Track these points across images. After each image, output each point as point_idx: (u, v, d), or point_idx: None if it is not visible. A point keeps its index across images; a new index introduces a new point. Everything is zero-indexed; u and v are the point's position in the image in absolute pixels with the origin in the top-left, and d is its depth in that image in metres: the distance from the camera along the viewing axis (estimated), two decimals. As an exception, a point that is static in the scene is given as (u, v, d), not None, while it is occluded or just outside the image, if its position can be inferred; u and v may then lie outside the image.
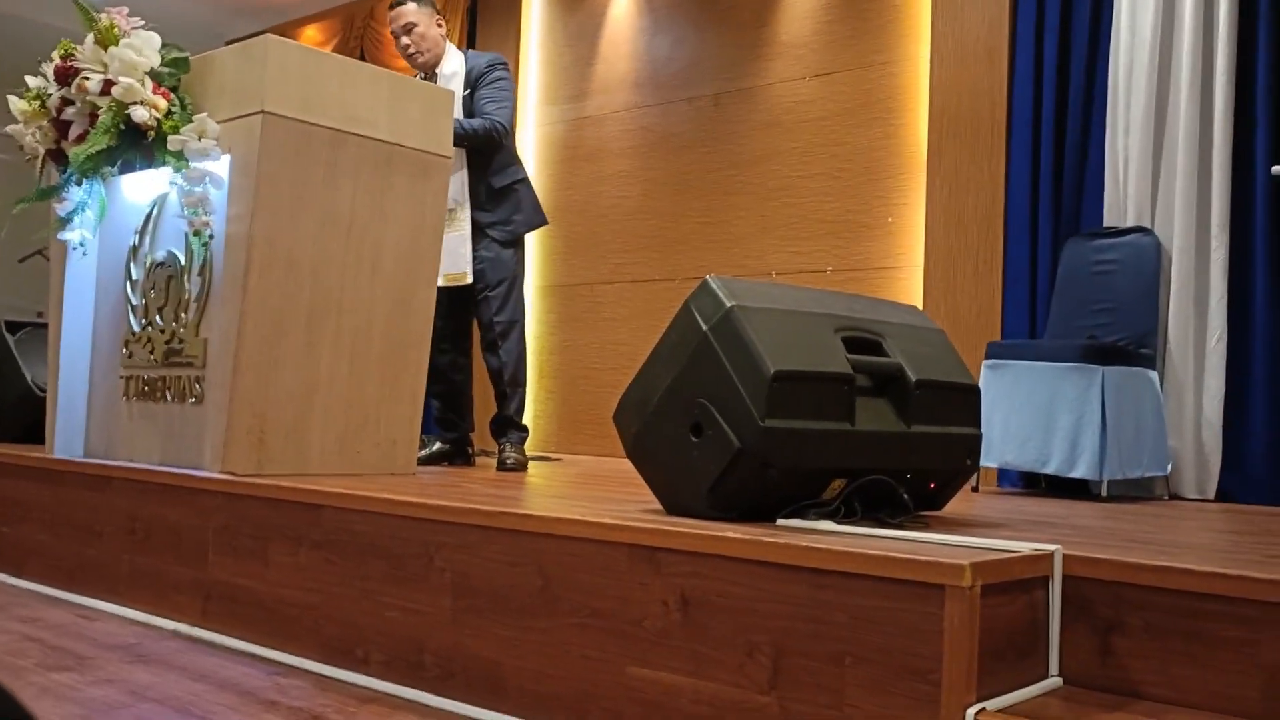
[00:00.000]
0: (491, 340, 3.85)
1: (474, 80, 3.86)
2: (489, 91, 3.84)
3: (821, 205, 5.00)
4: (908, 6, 4.82)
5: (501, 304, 3.85)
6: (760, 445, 1.94)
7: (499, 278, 3.85)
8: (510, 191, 3.91)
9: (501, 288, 3.85)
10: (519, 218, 3.92)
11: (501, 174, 3.88)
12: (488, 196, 3.84)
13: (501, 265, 3.86)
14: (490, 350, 3.86)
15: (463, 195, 3.81)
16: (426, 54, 3.90)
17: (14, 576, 3.25)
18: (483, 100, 3.82)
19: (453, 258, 3.75)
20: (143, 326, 3.08)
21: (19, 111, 3.22)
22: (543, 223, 4.09)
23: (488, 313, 3.85)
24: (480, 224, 3.83)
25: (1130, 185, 4.03)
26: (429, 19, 3.91)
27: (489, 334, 3.86)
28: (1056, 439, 3.61)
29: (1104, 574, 1.73)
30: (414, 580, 2.21)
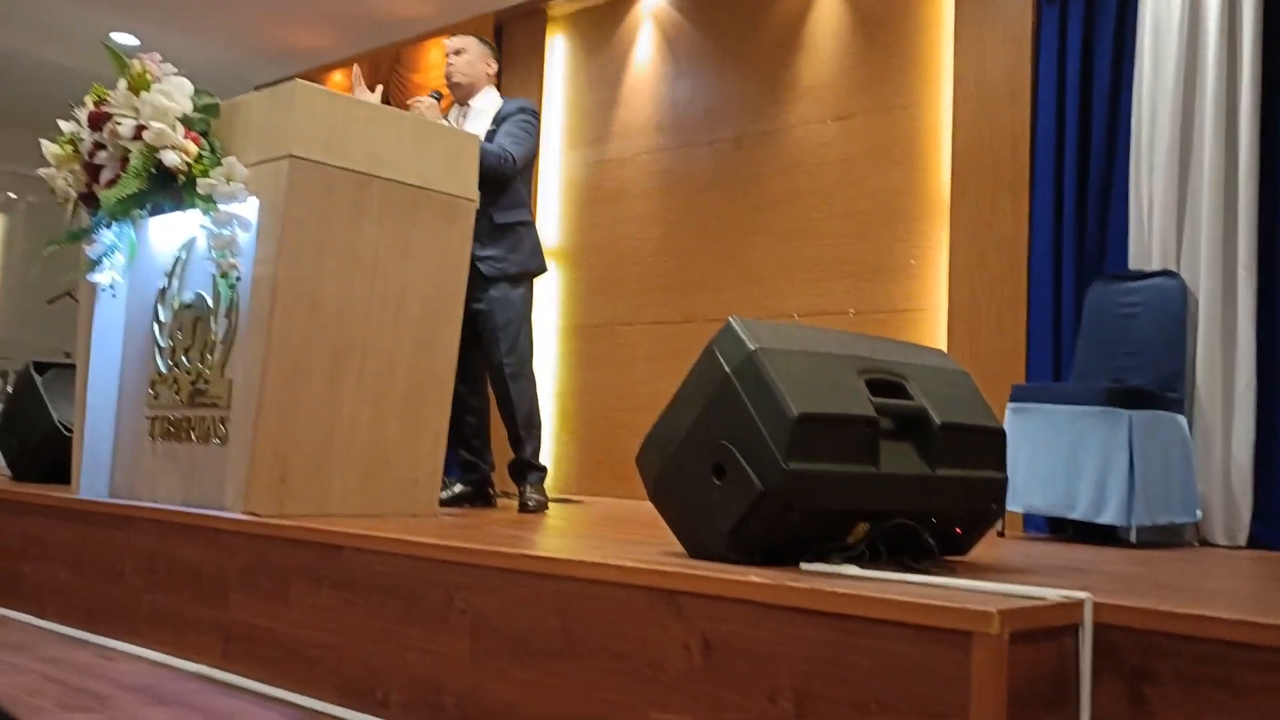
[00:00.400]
0: (502, 382, 3.81)
1: (500, 119, 3.89)
2: (510, 128, 3.86)
3: (843, 247, 5.00)
4: (928, 50, 4.85)
5: (511, 345, 3.81)
6: (783, 488, 1.92)
7: (506, 318, 3.81)
8: (511, 230, 3.86)
9: (510, 328, 3.81)
10: (514, 257, 3.85)
11: (506, 211, 3.83)
12: (487, 231, 3.73)
13: (509, 305, 3.82)
14: (502, 392, 3.83)
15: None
16: (464, 82, 3.98)
17: (36, 616, 3.25)
18: (501, 135, 3.84)
19: None
20: (169, 367, 3.10)
21: (52, 155, 3.27)
22: (541, 269, 4.00)
23: (497, 354, 3.80)
24: (474, 256, 3.66)
25: (1155, 227, 4.01)
26: (481, 55, 4.03)
27: (499, 375, 3.81)
28: (1083, 483, 3.57)
29: (1135, 622, 1.70)
30: (434, 621, 2.20)
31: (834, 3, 5.18)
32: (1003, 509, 2.37)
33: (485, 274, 3.75)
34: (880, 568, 1.94)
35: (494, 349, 3.80)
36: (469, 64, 4.00)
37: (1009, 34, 4.52)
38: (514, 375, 3.81)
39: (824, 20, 5.20)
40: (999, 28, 4.55)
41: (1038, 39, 4.45)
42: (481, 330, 3.79)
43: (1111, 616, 1.72)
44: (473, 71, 4.00)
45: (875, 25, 5.03)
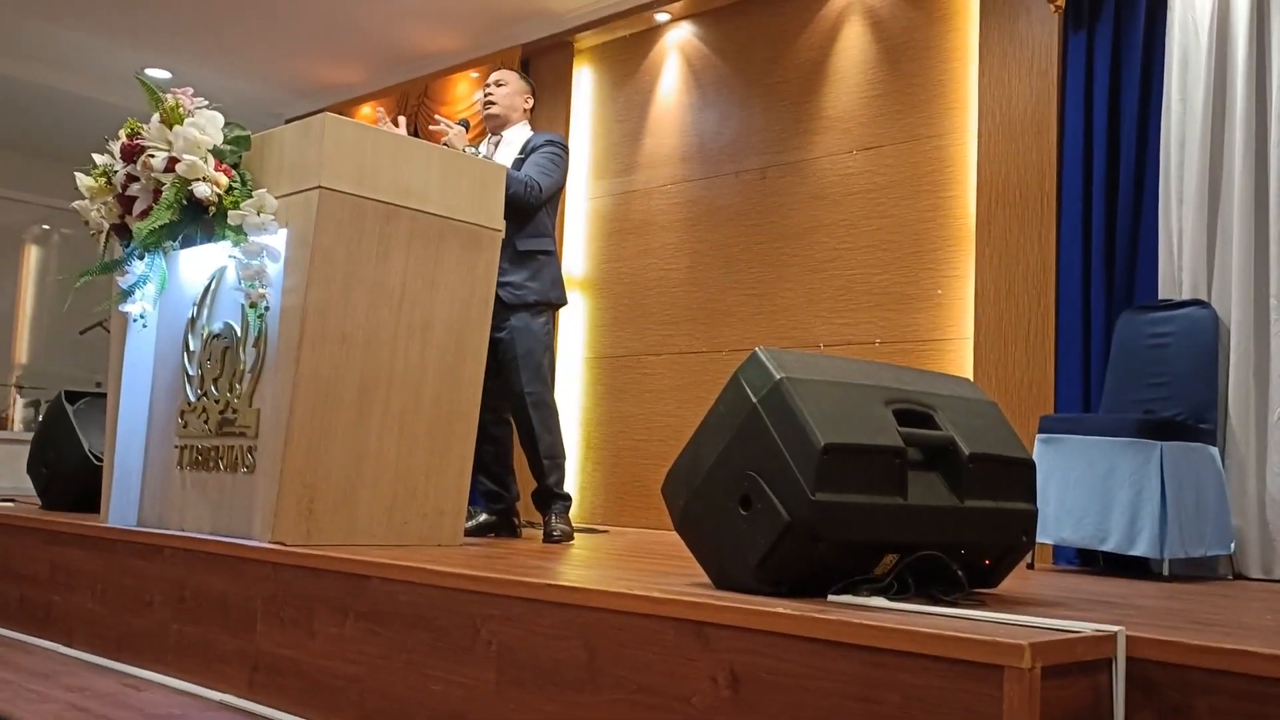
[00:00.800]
0: (525, 411, 3.80)
1: (529, 149, 3.92)
2: (538, 158, 3.88)
3: (869, 277, 4.99)
4: (954, 81, 4.85)
5: (533, 374, 3.80)
6: (810, 518, 1.91)
7: (527, 347, 3.80)
8: (532, 258, 3.86)
9: (531, 358, 3.80)
10: (534, 285, 3.85)
11: (529, 239, 3.85)
12: (509, 258, 3.71)
13: (530, 334, 3.82)
14: (523, 421, 3.81)
15: None
16: (499, 113, 4.04)
17: (64, 645, 3.27)
18: (528, 165, 3.86)
19: None
20: (198, 397, 3.13)
21: (86, 188, 3.32)
22: (561, 301, 4.01)
23: (519, 383, 3.79)
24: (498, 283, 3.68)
25: (1185, 257, 3.98)
26: (520, 90, 4.11)
27: (521, 404, 3.80)
28: (1114, 515, 3.53)
29: (1170, 656, 1.67)
30: (459, 652, 2.19)
31: (859, 34, 5.20)
32: (1033, 541, 2.34)
33: (505, 301, 3.74)
34: (908, 600, 1.92)
35: (515, 378, 3.79)
36: (507, 96, 4.06)
37: (1035, 64, 4.52)
38: (536, 404, 3.80)
39: (849, 51, 5.22)
40: (1024, 58, 4.55)
41: (1064, 69, 4.45)
42: (503, 359, 3.78)
43: (1146, 651, 1.69)
44: (509, 104, 4.05)
45: (901, 56, 5.04)
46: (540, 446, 3.81)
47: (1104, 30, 4.35)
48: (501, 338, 3.75)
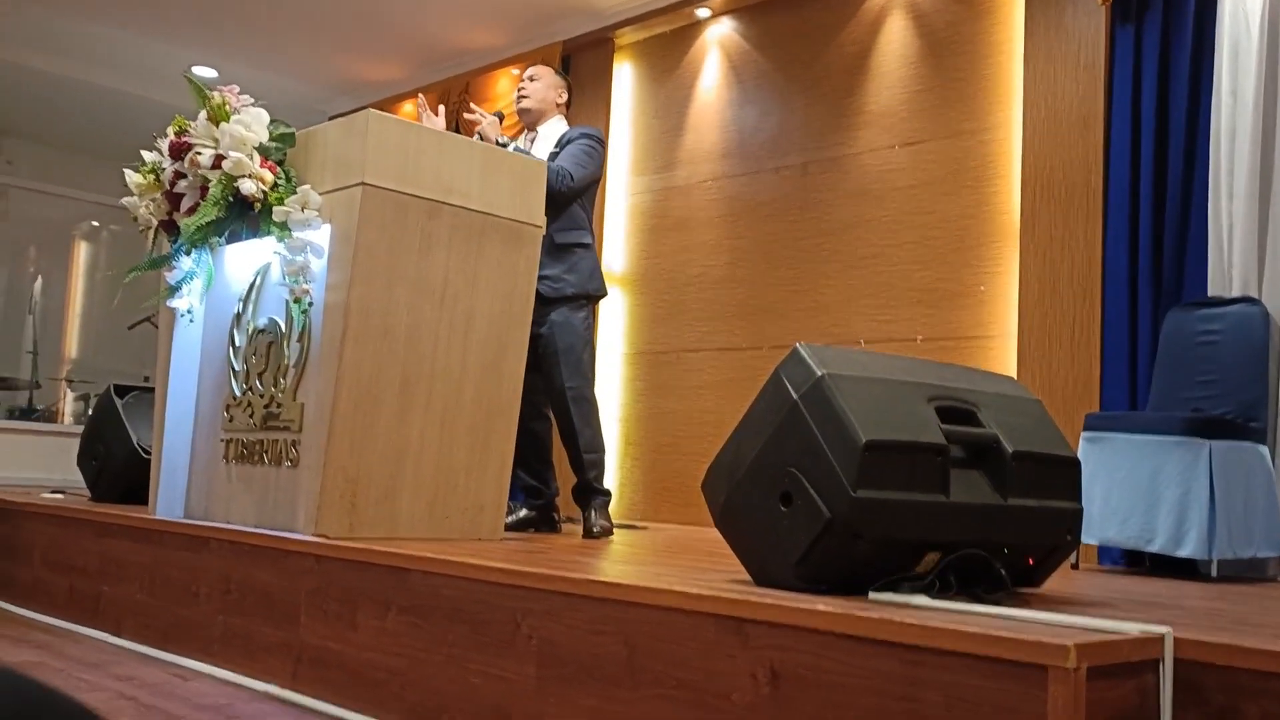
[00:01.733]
0: (564, 406, 3.79)
1: (564, 142, 3.93)
2: (572, 149, 3.88)
3: (911, 273, 4.95)
4: (998, 76, 4.80)
5: (573, 369, 3.79)
6: (851, 516, 1.90)
7: (568, 342, 3.80)
8: (569, 251, 3.85)
9: (571, 353, 3.79)
10: (571, 278, 3.85)
11: (566, 232, 3.84)
12: (546, 250, 3.64)
13: (570, 329, 3.81)
14: (564, 416, 3.81)
15: None
16: (533, 108, 4.05)
17: (113, 635, 3.33)
18: (562, 156, 3.86)
19: None
20: (243, 391, 3.16)
21: (134, 184, 3.38)
22: (600, 292, 3.98)
23: (559, 378, 3.78)
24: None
25: (1235, 253, 3.91)
26: (553, 84, 4.11)
27: (561, 400, 3.79)
28: (1161, 515, 3.48)
29: (1218, 658, 1.64)
30: (499, 647, 2.21)
31: (902, 28, 5.16)
32: (1077, 540, 2.31)
33: (544, 295, 3.71)
34: (951, 599, 1.90)
35: (555, 373, 3.79)
36: (540, 90, 4.06)
37: (1081, 58, 4.46)
38: (576, 399, 3.79)
39: (892, 45, 5.18)
40: (1071, 52, 4.49)
41: (1111, 62, 4.39)
42: (543, 354, 3.78)
43: (1193, 653, 1.67)
44: (543, 99, 4.06)
45: (944, 50, 4.99)
46: (580, 441, 3.81)
47: (1152, 23, 4.28)
48: (541, 333, 3.75)
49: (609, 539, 3.71)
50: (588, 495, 3.85)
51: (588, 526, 3.79)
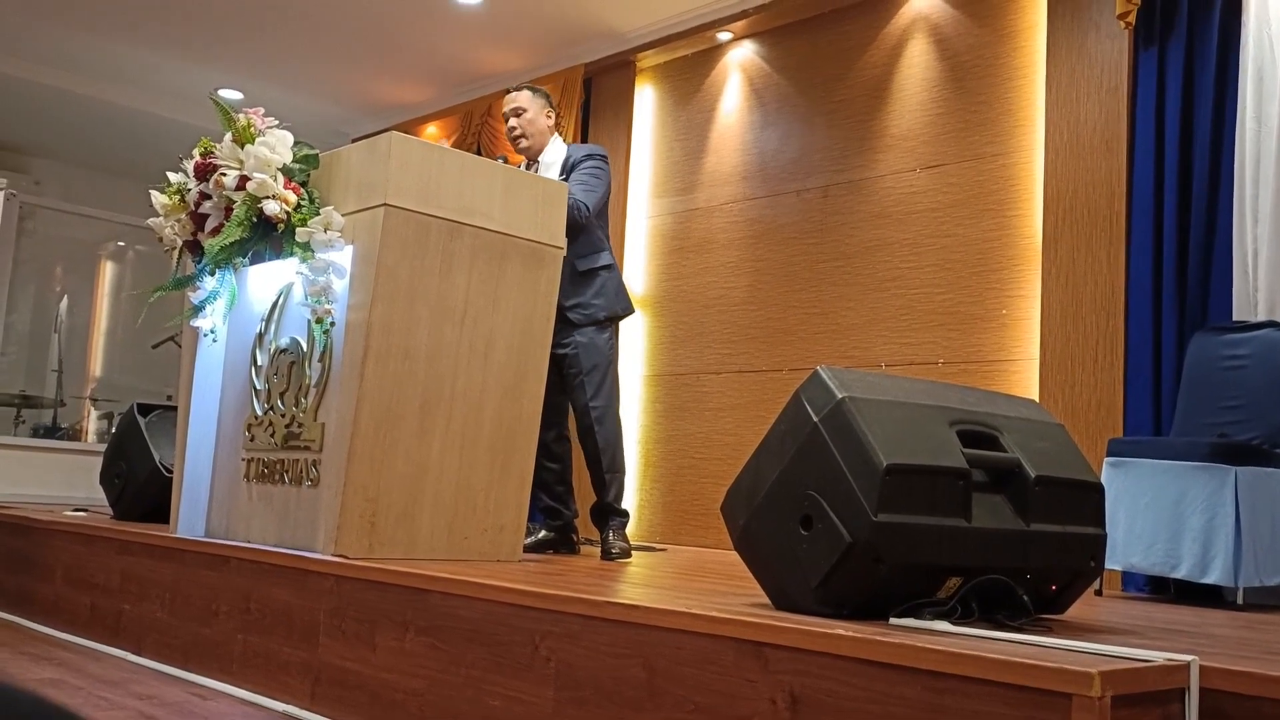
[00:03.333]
0: (588, 425, 3.81)
1: (570, 167, 3.92)
2: (581, 175, 3.89)
3: (932, 296, 4.94)
4: (1020, 99, 4.79)
5: (596, 389, 3.82)
6: (872, 540, 1.89)
7: (592, 362, 3.82)
8: (594, 276, 3.88)
9: (596, 373, 3.82)
10: (599, 301, 3.88)
11: (586, 258, 3.87)
12: (570, 279, 3.75)
13: (594, 350, 3.83)
14: (587, 435, 3.83)
15: None
16: (531, 140, 3.99)
17: (133, 653, 3.33)
18: (572, 183, 3.84)
19: None
20: (265, 410, 3.18)
21: (160, 205, 3.41)
22: (628, 311, 4.02)
23: (582, 398, 3.81)
24: (560, 306, 3.69)
25: (1260, 277, 3.88)
26: (539, 109, 4.02)
27: (585, 419, 3.82)
28: (1186, 542, 3.44)
29: (1244, 688, 1.62)
30: (518, 669, 2.20)
31: (923, 51, 5.17)
32: (1101, 566, 2.29)
33: (574, 321, 3.79)
34: (972, 624, 1.88)
35: (579, 393, 3.81)
36: (530, 122, 3.99)
37: (1104, 82, 4.45)
38: (599, 419, 3.81)
39: (913, 69, 5.19)
40: (1093, 75, 4.48)
41: (1134, 86, 4.38)
42: (567, 374, 3.81)
43: (1219, 681, 1.64)
44: (535, 128, 4.00)
45: (965, 73, 5.00)
46: (603, 460, 3.82)
47: (1176, 47, 4.27)
48: (566, 353, 3.78)
49: (627, 560, 3.70)
50: (606, 516, 3.84)
51: (606, 548, 3.78)
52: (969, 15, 5.02)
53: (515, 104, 4.03)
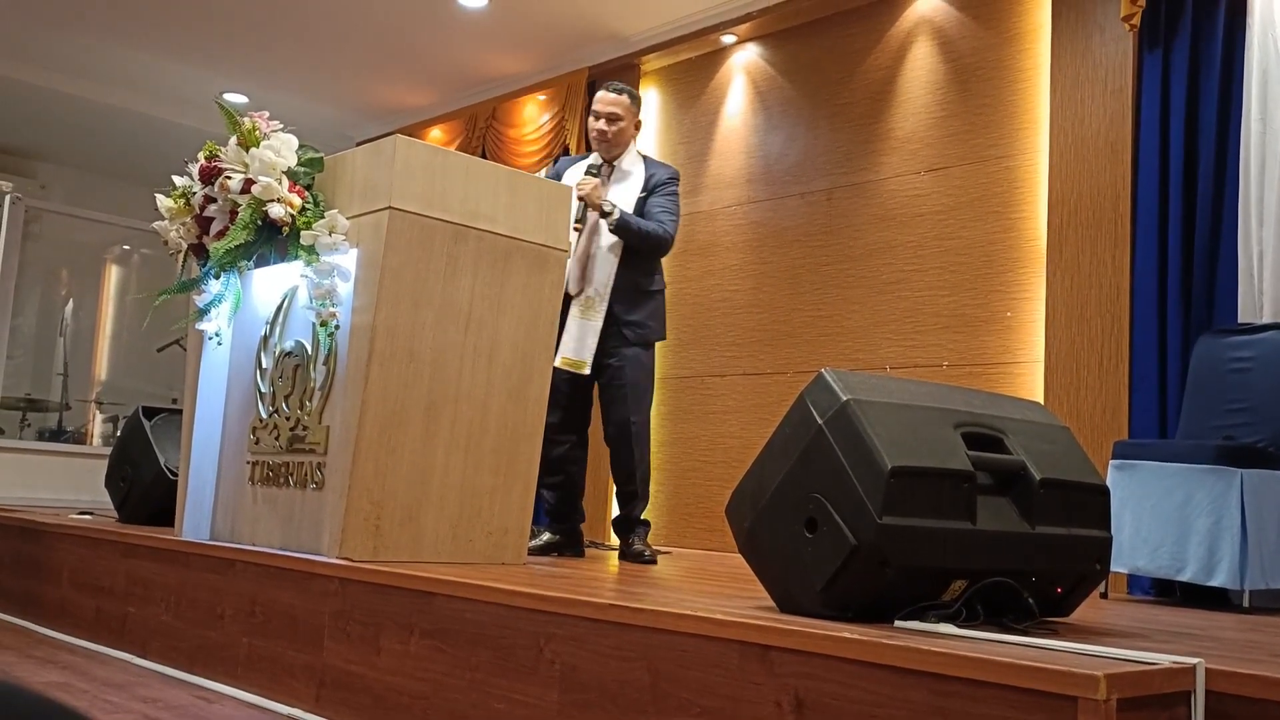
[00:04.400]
0: (627, 438, 3.85)
1: (652, 186, 3.92)
2: (665, 201, 3.91)
3: (937, 299, 4.94)
4: (1025, 101, 4.79)
5: (638, 404, 3.87)
6: (877, 543, 1.88)
7: (636, 377, 3.87)
8: (652, 297, 3.94)
9: (639, 389, 3.87)
10: (653, 324, 3.94)
11: (650, 278, 3.93)
12: (633, 296, 3.85)
13: (640, 365, 3.88)
14: (624, 448, 3.86)
15: (606, 290, 3.81)
16: (614, 146, 3.96)
17: (138, 656, 3.34)
18: (657, 208, 3.88)
19: (577, 345, 3.77)
20: (270, 413, 3.18)
21: (165, 209, 3.41)
22: (664, 336, 4.11)
23: (623, 411, 3.84)
24: (620, 320, 3.83)
25: (1266, 280, 3.88)
26: (632, 118, 4.01)
27: (624, 431, 3.85)
28: (1192, 545, 3.43)
29: (1250, 690, 1.62)
30: (523, 672, 2.20)
31: (927, 54, 5.17)
32: (1106, 569, 2.28)
33: (629, 339, 3.84)
34: (978, 627, 1.88)
35: (622, 406, 3.85)
36: (621, 131, 3.96)
37: (1109, 84, 4.44)
38: (638, 435, 3.87)
39: (917, 72, 5.19)
40: (1098, 77, 4.48)
41: (1139, 88, 4.37)
42: (611, 386, 3.85)
43: (1225, 684, 1.64)
44: (623, 138, 3.98)
45: (970, 76, 4.99)
46: (636, 474, 3.87)
47: (1180, 49, 4.27)
48: (612, 364, 3.83)
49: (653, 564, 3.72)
50: (634, 526, 3.90)
51: (637, 550, 3.82)
52: (973, 18, 5.02)
53: (614, 109, 3.96)
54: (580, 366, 3.78)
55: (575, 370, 3.78)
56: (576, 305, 3.79)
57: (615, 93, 4.00)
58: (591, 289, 3.79)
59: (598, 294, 3.80)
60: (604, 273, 3.81)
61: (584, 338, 3.78)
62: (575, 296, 3.80)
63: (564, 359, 3.72)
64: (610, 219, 3.77)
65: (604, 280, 3.81)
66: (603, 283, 3.81)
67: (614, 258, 3.81)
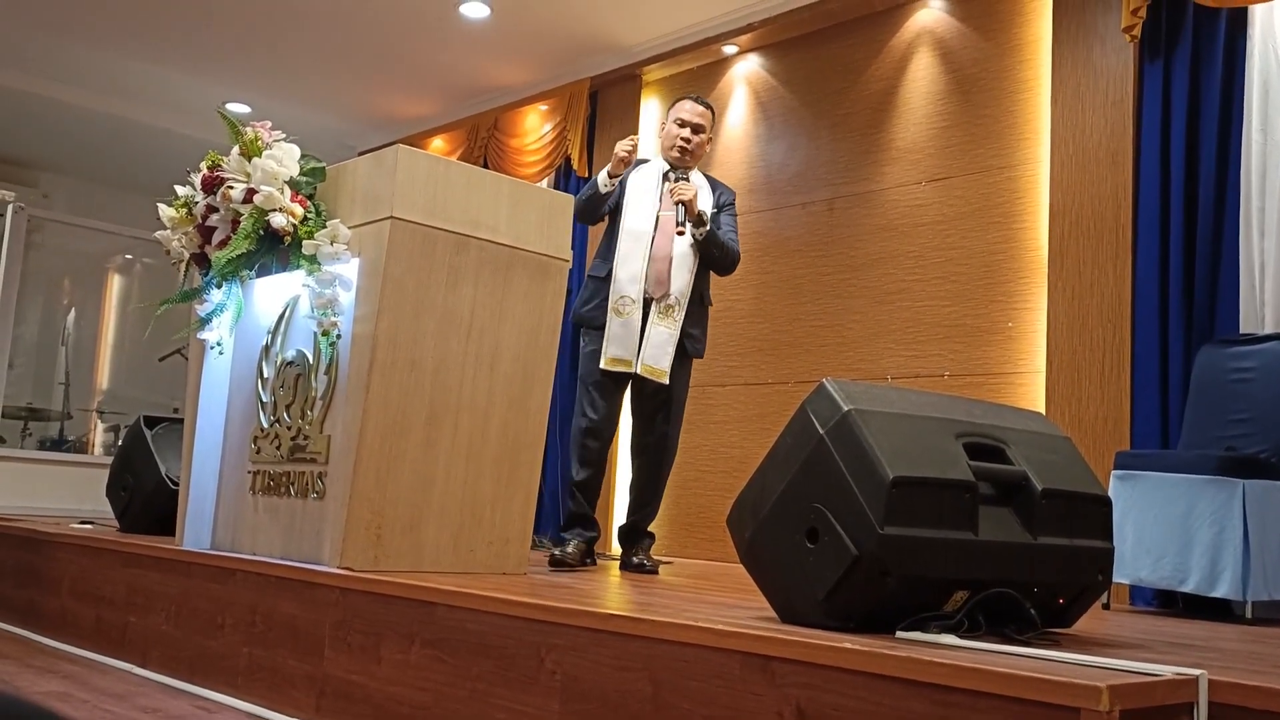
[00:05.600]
0: (662, 451, 3.84)
1: (721, 204, 3.91)
2: (732, 222, 3.92)
3: (938, 309, 4.94)
4: (1026, 112, 4.80)
5: (679, 420, 3.87)
6: (878, 553, 1.88)
7: (683, 394, 3.87)
8: (706, 312, 3.95)
9: (680, 405, 3.87)
10: (704, 339, 3.93)
11: (708, 294, 3.93)
12: (698, 309, 3.85)
13: (684, 381, 3.88)
14: (656, 460, 3.85)
15: (685, 299, 3.78)
16: (691, 158, 3.91)
17: (138, 666, 3.33)
18: (726, 227, 3.88)
19: (659, 352, 3.72)
20: (271, 423, 3.18)
21: (167, 218, 3.42)
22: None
23: (665, 425, 3.83)
24: (685, 332, 3.80)
25: (1267, 290, 3.88)
26: (711, 133, 4.01)
27: (661, 444, 3.84)
28: (1194, 555, 3.43)
29: (1254, 702, 1.61)
30: (524, 682, 2.19)
31: (929, 65, 5.18)
32: (1109, 580, 2.28)
33: (687, 350, 3.82)
34: (979, 638, 1.88)
35: (662, 418, 3.84)
36: (702, 144, 3.93)
37: (1110, 95, 4.45)
38: (672, 450, 3.89)
39: (919, 82, 5.20)
40: (1099, 88, 4.49)
41: (1140, 99, 4.38)
42: (653, 395, 3.80)
43: (1229, 696, 1.64)
44: (702, 150, 3.96)
45: (971, 87, 5.00)
46: (659, 487, 3.89)
47: (1181, 60, 4.28)
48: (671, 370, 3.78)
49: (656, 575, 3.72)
50: (641, 537, 3.92)
51: (640, 561, 3.83)
52: (974, 29, 5.03)
53: (701, 121, 3.92)
54: (661, 376, 3.72)
55: (657, 379, 3.72)
56: (656, 311, 3.74)
57: (704, 105, 3.98)
58: (672, 296, 3.74)
59: (678, 302, 3.75)
60: (682, 280, 3.76)
61: (665, 345, 3.72)
62: (656, 300, 3.74)
63: (645, 367, 3.69)
64: (703, 229, 3.75)
65: (683, 289, 3.77)
66: (681, 291, 3.77)
67: (689, 266, 3.78)
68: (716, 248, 3.79)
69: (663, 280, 3.75)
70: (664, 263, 3.76)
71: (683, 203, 3.67)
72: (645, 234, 3.77)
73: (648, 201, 3.83)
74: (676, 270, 3.75)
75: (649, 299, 3.74)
